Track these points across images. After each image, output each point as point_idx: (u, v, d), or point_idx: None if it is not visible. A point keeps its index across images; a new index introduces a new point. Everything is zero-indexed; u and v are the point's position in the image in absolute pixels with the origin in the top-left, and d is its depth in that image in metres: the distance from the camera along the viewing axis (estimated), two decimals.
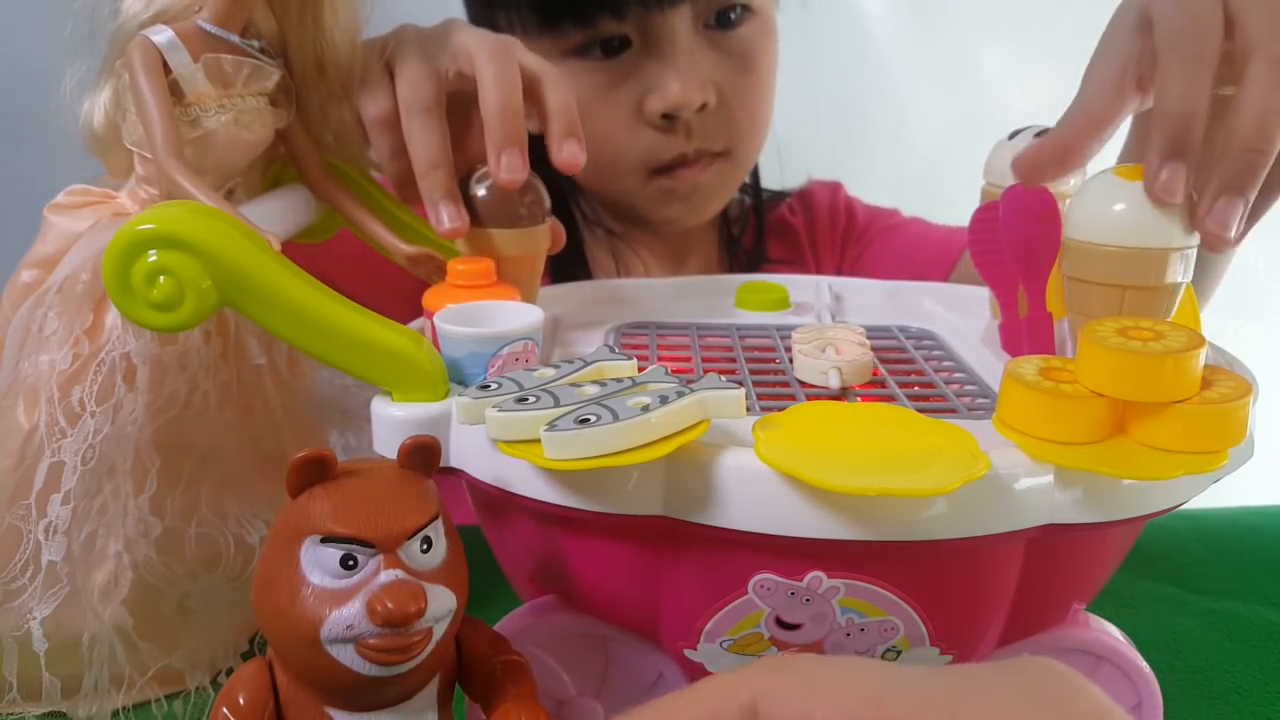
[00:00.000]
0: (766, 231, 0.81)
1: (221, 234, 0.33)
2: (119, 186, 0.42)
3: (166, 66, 0.38)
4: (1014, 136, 0.46)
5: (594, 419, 0.29)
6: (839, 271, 0.82)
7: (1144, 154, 0.36)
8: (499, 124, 0.43)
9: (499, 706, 0.30)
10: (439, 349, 0.37)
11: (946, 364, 0.44)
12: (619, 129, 0.66)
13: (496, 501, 0.35)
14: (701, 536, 0.31)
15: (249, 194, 0.44)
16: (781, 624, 0.33)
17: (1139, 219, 0.35)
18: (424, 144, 0.44)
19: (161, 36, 0.37)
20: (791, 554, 0.31)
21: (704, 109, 0.65)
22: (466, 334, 0.37)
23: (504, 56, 0.45)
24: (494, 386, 0.34)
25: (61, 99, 0.41)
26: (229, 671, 0.44)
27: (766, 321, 0.50)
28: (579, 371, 0.35)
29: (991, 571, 0.33)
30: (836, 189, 0.85)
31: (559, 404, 0.31)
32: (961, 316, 0.50)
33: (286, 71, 0.43)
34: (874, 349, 0.42)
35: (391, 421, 0.35)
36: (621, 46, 0.64)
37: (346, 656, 0.27)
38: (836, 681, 0.21)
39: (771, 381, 0.41)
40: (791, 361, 0.42)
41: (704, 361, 0.44)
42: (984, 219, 0.44)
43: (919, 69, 1.31)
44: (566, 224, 0.49)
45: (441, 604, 0.28)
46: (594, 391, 0.32)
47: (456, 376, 0.37)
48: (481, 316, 0.38)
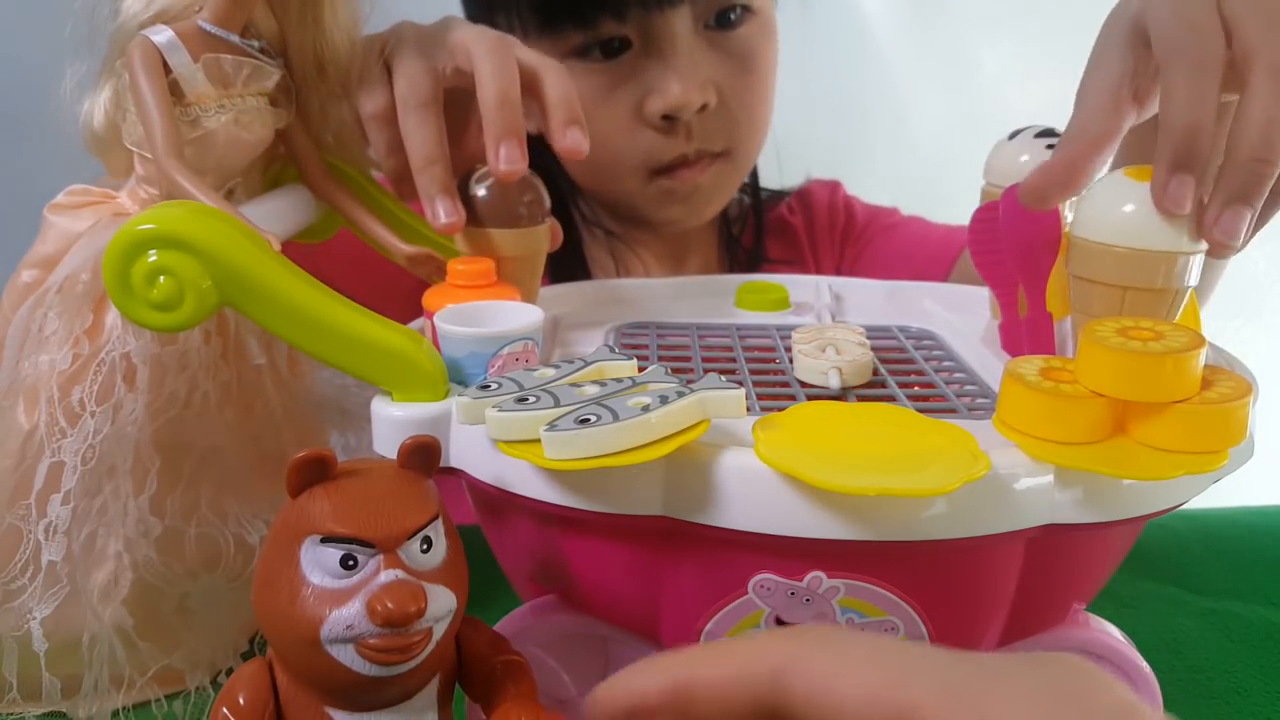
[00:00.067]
0: (766, 231, 0.81)
1: (221, 234, 0.33)
2: (119, 186, 0.42)
3: (166, 66, 0.38)
4: (1014, 136, 0.46)
5: (594, 419, 0.29)
6: (838, 270, 0.81)
7: (1136, 162, 0.36)
8: (497, 115, 0.43)
9: (499, 706, 0.30)
10: (439, 349, 0.37)
11: (946, 364, 0.44)
12: (619, 130, 0.66)
13: (496, 501, 0.35)
14: (701, 536, 0.31)
15: (249, 194, 0.44)
16: (782, 624, 0.33)
17: (1146, 221, 0.35)
18: (421, 139, 0.44)
19: (161, 36, 0.38)
20: (791, 554, 0.31)
21: (704, 110, 0.65)
22: (466, 334, 0.37)
23: (502, 50, 0.45)
24: (494, 386, 0.34)
25: (61, 99, 0.41)
26: (229, 671, 0.44)
27: (766, 321, 0.50)
28: (579, 371, 0.35)
29: (991, 571, 0.33)
30: (835, 188, 0.85)
31: (559, 404, 0.31)
32: (961, 316, 0.50)
33: (286, 71, 0.43)
34: (874, 349, 0.42)
35: (391, 421, 0.35)
36: (622, 48, 0.64)
37: (346, 656, 0.27)
38: (862, 658, 0.21)
39: (771, 381, 0.41)
40: (791, 361, 0.42)
41: (704, 361, 0.44)
42: (984, 219, 0.44)
43: (919, 69, 1.31)
44: (565, 224, 0.49)
45: (441, 604, 0.28)
46: (594, 391, 0.32)
47: (456, 376, 0.37)
48: (481, 316, 0.38)
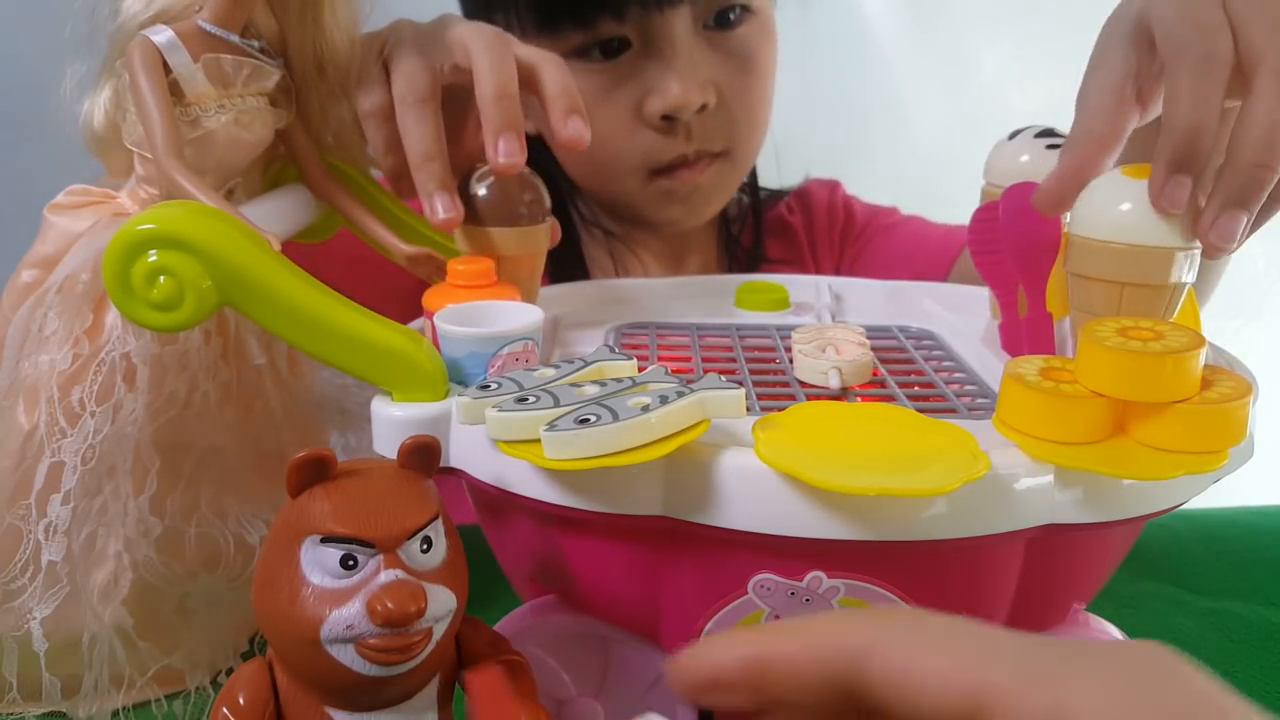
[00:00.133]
0: (765, 231, 0.81)
1: (221, 234, 0.33)
2: (119, 186, 0.42)
3: (166, 66, 0.38)
4: (1014, 136, 0.46)
5: (594, 419, 0.29)
6: (838, 270, 0.81)
7: (1140, 160, 0.36)
8: (495, 109, 0.43)
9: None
10: (439, 349, 0.37)
11: (946, 364, 0.44)
12: (618, 130, 0.66)
13: (496, 501, 0.35)
14: (701, 536, 0.31)
15: (249, 194, 0.44)
16: None
17: (1144, 218, 0.35)
18: (419, 135, 0.44)
19: (161, 36, 0.38)
20: (791, 554, 0.31)
21: (704, 110, 0.65)
22: (466, 334, 0.37)
23: (499, 45, 0.45)
24: (494, 386, 0.34)
25: (61, 99, 0.41)
26: (229, 671, 0.44)
27: (766, 321, 0.50)
28: (579, 371, 0.35)
29: (991, 571, 0.33)
30: (835, 187, 0.85)
31: (559, 404, 0.31)
32: (961, 316, 0.50)
33: (286, 71, 0.43)
34: (874, 349, 0.42)
35: (391, 421, 0.35)
36: (621, 48, 0.64)
37: (346, 656, 0.27)
38: (941, 639, 0.21)
39: (771, 381, 0.41)
40: (791, 361, 0.42)
41: (704, 361, 0.44)
42: (984, 219, 0.44)
43: (919, 69, 1.32)
44: (564, 225, 0.49)
45: (441, 604, 0.28)
46: (594, 391, 0.32)
47: (456, 376, 0.37)
48: (481, 316, 0.38)
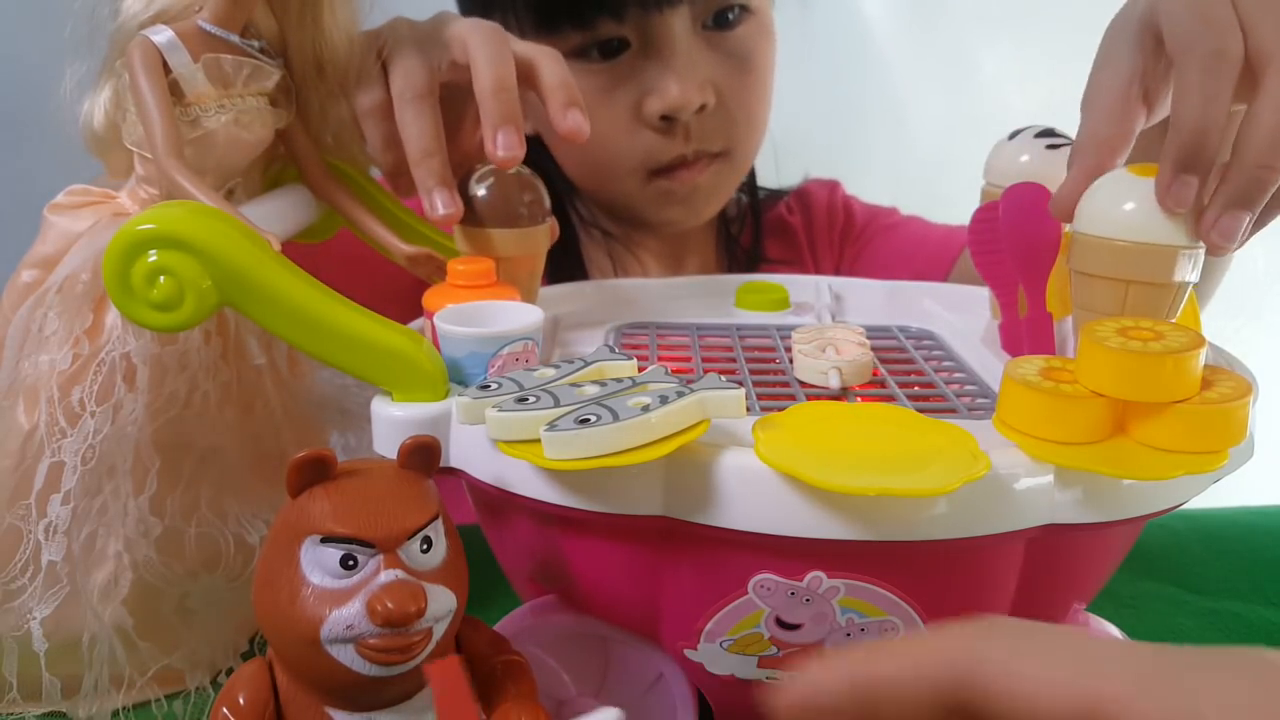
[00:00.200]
0: (764, 231, 0.81)
1: (221, 234, 0.33)
2: (119, 186, 0.42)
3: (166, 66, 0.38)
4: (1014, 136, 0.46)
5: (594, 419, 0.29)
6: (838, 270, 0.81)
7: (1145, 161, 0.36)
8: (493, 102, 0.43)
9: (499, 706, 0.30)
10: (439, 349, 0.37)
11: (946, 364, 0.44)
12: (618, 131, 0.66)
13: (496, 501, 0.35)
14: (701, 536, 0.31)
15: (249, 194, 0.44)
16: (781, 624, 0.33)
17: (1149, 216, 0.35)
18: (418, 132, 0.44)
19: (161, 36, 0.37)
20: (791, 554, 0.31)
21: (703, 110, 0.65)
22: (466, 334, 0.37)
23: (497, 40, 0.45)
24: (494, 386, 0.34)
25: (61, 99, 0.41)
26: (229, 671, 0.44)
27: (766, 321, 0.50)
28: (579, 371, 0.35)
29: (991, 571, 0.33)
30: (834, 187, 0.85)
31: (559, 404, 0.31)
32: (961, 316, 0.50)
33: (286, 71, 0.43)
34: (874, 349, 0.42)
35: (391, 421, 0.35)
36: (620, 48, 0.64)
37: (346, 656, 0.27)
38: (1053, 649, 0.21)
39: (771, 381, 0.41)
40: (791, 361, 0.42)
41: (704, 361, 0.44)
42: (984, 219, 0.44)
43: (919, 69, 1.32)
44: (562, 226, 0.49)
45: (441, 604, 0.28)
46: (594, 391, 0.32)
47: (456, 376, 0.37)
48: (481, 316, 0.38)
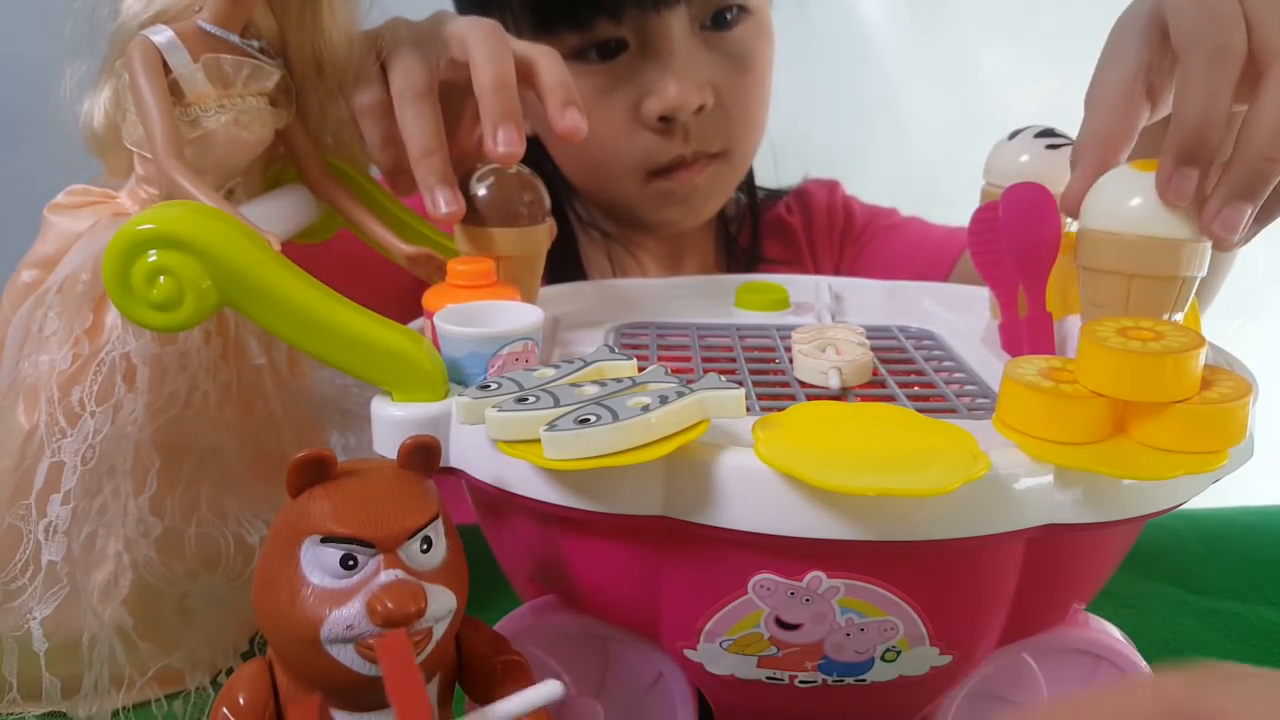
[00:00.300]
0: (764, 231, 0.81)
1: (221, 234, 0.33)
2: (119, 186, 0.42)
3: (166, 66, 0.38)
4: (1014, 136, 0.46)
5: (594, 419, 0.29)
6: (837, 271, 0.81)
7: (1148, 157, 0.36)
8: (493, 99, 0.43)
9: None
10: (439, 349, 0.37)
11: (946, 364, 0.44)
12: (616, 132, 0.65)
13: (496, 501, 0.35)
14: (701, 536, 0.31)
15: (249, 194, 0.44)
16: (781, 624, 0.33)
17: (1154, 210, 0.35)
18: (418, 130, 0.44)
19: (161, 36, 0.37)
20: (791, 554, 0.31)
21: (701, 110, 0.65)
22: (466, 334, 0.37)
23: (496, 37, 0.45)
24: (494, 386, 0.34)
25: (61, 99, 0.41)
26: (229, 671, 0.44)
27: (766, 321, 0.50)
28: (579, 371, 0.35)
29: (991, 571, 0.33)
30: (834, 187, 0.85)
31: (559, 404, 0.31)
32: (961, 316, 0.50)
33: (286, 71, 0.43)
34: (874, 349, 0.42)
35: (391, 421, 0.35)
36: (618, 49, 0.64)
37: (346, 656, 0.27)
38: (1266, 694, 0.20)
39: (771, 381, 0.41)
40: (791, 361, 0.42)
41: (704, 361, 0.44)
42: (984, 219, 0.44)
43: (918, 69, 1.32)
44: (561, 226, 0.49)
45: (441, 604, 0.28)
46: (594, 391, 0.32)
47: (456, 376, 0.37)
48: (481, 316, 0.38)
